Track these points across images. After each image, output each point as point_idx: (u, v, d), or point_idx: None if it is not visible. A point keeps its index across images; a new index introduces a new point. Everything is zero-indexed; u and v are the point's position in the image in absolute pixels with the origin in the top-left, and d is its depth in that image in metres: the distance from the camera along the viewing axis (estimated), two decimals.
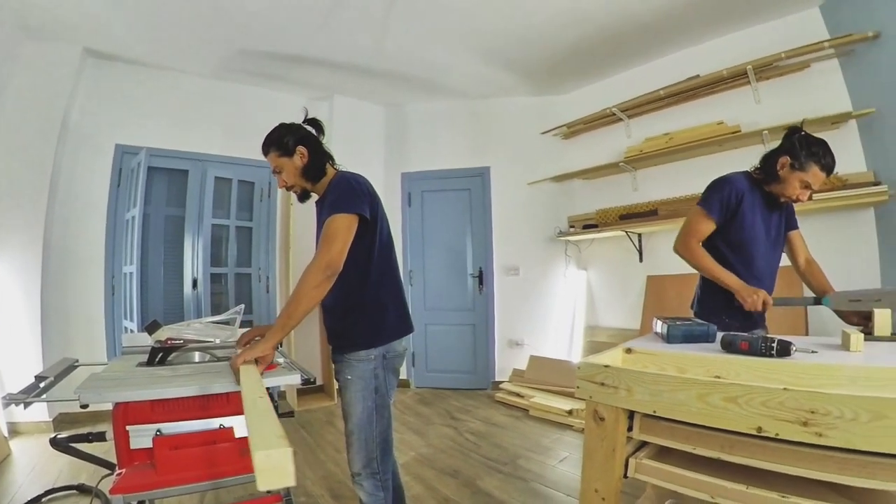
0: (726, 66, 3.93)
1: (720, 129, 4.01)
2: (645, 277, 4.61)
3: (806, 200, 2.01)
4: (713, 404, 1.08)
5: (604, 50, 4.34)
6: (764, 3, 3.72)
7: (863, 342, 1.45)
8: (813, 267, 2.19)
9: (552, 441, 3.58)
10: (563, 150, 5.27)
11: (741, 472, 1.11)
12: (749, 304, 1.92)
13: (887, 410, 0.90)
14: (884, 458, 0.92)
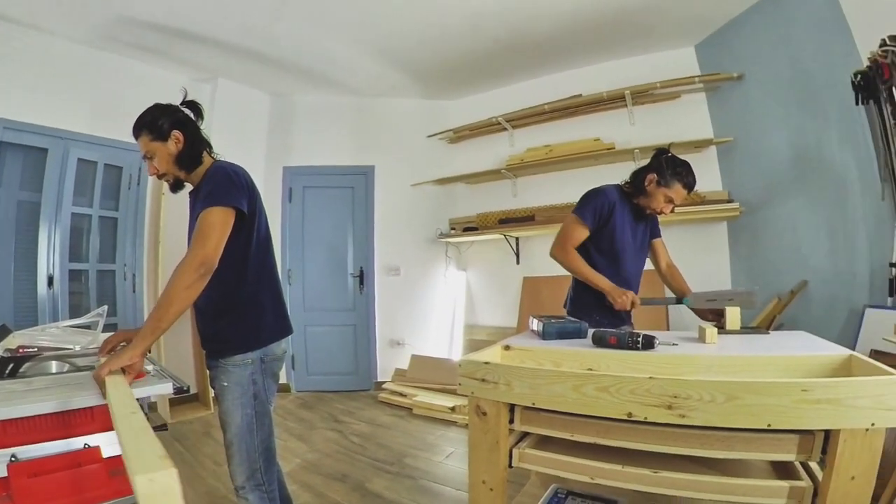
0: (607, 89, 4.35)
1: (597, 145, 4.43)
2: (521, 278, 4.90)
3: (669, 213, 2.26)
4: (587, 394, 1.17)
5: (496, 62, 4.51)
6: (646, 38, 4.21)
7: (716, 335, 1.64)
8: (673, 271, 2.44)
9: (437, 438, 3.64)
10: (449, 154, 5.38)
11: (617, 454, 1.22)
12: (619, 304, 2.10)
13: (739, 392, 1.05)
14: (738, 433, 1.09)
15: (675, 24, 4.01)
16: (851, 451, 1.02)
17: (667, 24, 3.98)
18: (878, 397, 1.00)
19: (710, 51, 4.20)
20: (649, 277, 2.53)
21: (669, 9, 3.75)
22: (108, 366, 1.35)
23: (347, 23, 3.83)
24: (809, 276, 3.48)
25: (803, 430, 1.06)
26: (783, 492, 1.09)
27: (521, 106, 4.77)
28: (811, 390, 1.02)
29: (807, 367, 1.31)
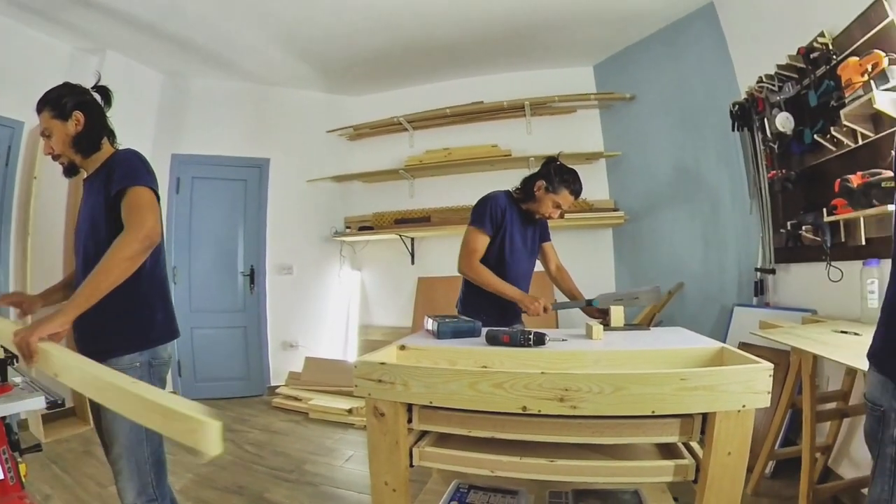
0: (508, 99, 4.53)
1: (494, 151, 4.58)
2: (416, 279, 4.94)
3: (557, 218, 2.38)
4: (483, 391, 1.19)
5: (403, 62, 4.51)
6: (549, 54, 4.45)
7: (602, 332, 1.74)
8: (562, 273, 2.58)
9: (335, 441, 3.53)
10: (347, 151, 5.28)
11: (514, 446, 1.26)
12: (532, 310, 2.19)
13: (625, 383, 1.14)
14: (626, 420, 1.19)
15: (576, 45, 4.29)
16: (726, 430, 1.15)
17: (569, 43, 4.25)
18: (747, 383, 1.14)
19: (607, 72, 4.57)
20: (539, 279, 2.65)
21: (573, 30, 4.02)
22: (38, 332, 1.21)
23: (255, 5, 3.60)
24: (685, 278, 3.89)
25: (684, 415, 1.18)
26: (669, 470, 1.22)
27: (423, 108, 4.80)
28: (689, 379, 1.14)
29: (684, 359, 1.43)
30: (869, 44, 2.24)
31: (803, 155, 2.84)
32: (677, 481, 1.24)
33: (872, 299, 2.21)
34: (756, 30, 3.30)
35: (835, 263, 2.56)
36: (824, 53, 2.55)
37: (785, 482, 2.58)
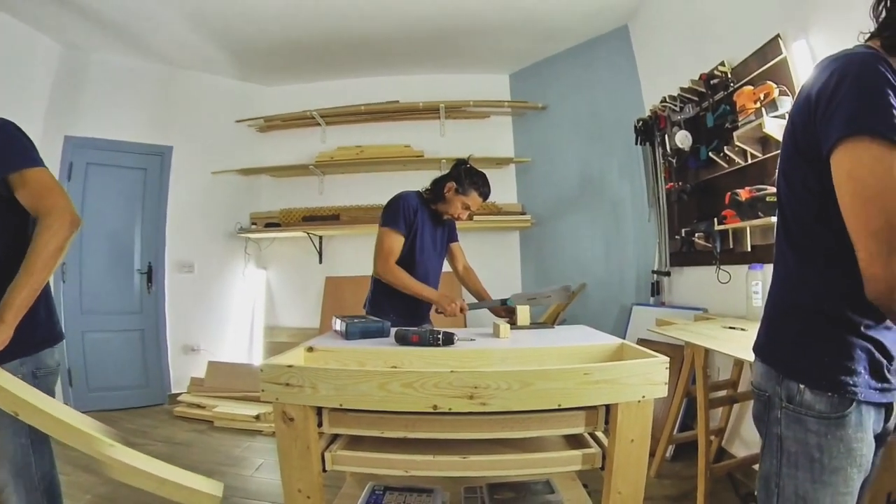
0: (423, 100, 4.54)
1: (407, 152, 4.56)
2: (324, 278, 4.80)
3: (465, 219, 2.43)
4: (393, 391, 1.18)
5: (321, 54, 4.36)
6: (467, 59, 4.52)
7: (509, 331, 1.78)
8: (470, 273, 2.62)
9: (244, 450, 3.35)
10: (256, 143, 4.99)
11: (427, 445, 1.26)
12: (449, 311, 2.20)
13: (531, 379, 1.18)
14: (534, 414, 1.23)
15: (495, 53, 4.40)
16: (628, 419, 1.23)
17: (488, 51, 4.35)
18: (646, 375, 1.23)
19: (522, 81, 4.75)
20: (447, 279, 2.68)
21: (493, 39, 4.13)
22: None
23: None
24: (588, 279, 4.13)
25: (588, 407, 1.25)
26: (577, 459, 1.29)
27: (338, 103, 4.70)
28: (592, 373, 1.20)
29: (587, 355, 1.50)
30: (763, 75, 2.51)
31: (698, 170, 3.13)
32: (586, 469, 1.31)
33: (756, 299, 2.47)
34: (664, 54, 3.58)
35: (724, 267, 2.83)
36: (723, 81, 2.83)
37: (684, 464, 2.81)
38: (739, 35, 2.73)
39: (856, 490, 0.91)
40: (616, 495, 1.26)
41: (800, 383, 0.91)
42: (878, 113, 0.77)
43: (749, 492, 2.40)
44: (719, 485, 2.51)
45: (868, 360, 0.87)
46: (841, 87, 0.81)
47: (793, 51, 2.36)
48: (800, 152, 0.91)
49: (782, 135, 1.00)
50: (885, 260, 0.75)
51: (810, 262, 0.93)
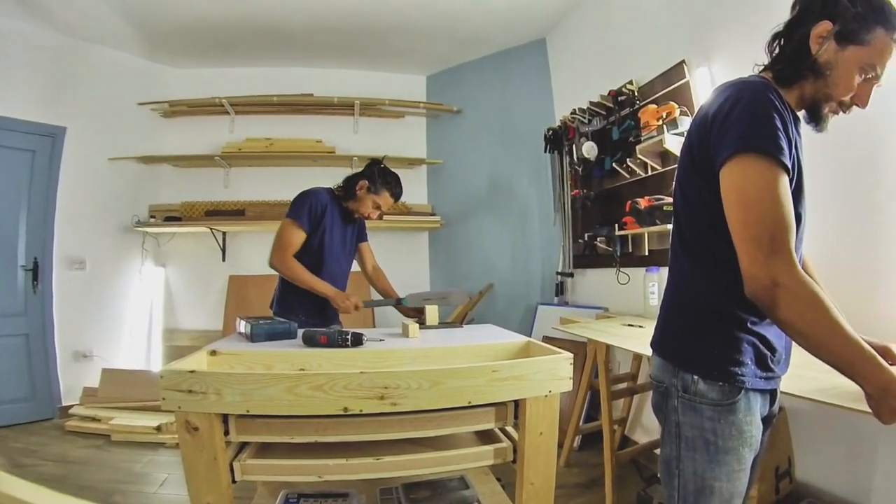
0: (338, 95, 4.44)
1: (318, 147, 4.46)
2: (227, 277, 4.52)
3: (375, 219, 2.42)
4: (302, 394, 1.16)
5: (235, 38, 4.09)
6: (386, 58, 4.51)
7: (418, 330, 1.81)
8: (379, 273, 2.61)
9: (146, 465, 3.09)
10: (159, 129, 4.57)
11: (340, 448, 1.25)
12: (343, 308, 2.19)
13: (441, 378, 1.20)
14: (445, 412, 1.25)
15: (414, 54, 4.42)
16: (537, 413, 1.30)
17: (407, 51, 4.36)
18: (551, 371, 1.31)
19: (439, 83, 4.82)
20: (356, 279, 2.65)
21: (413, 40, 4.15)
22: None
23: None
24: (495, 280, 4.31)
25: (498, 403, 1.30)
26: (489, 454, 1.34)
27: (249, 91, 4.47)
28: (500, 371, 1.25)
29: (495, 353, 1.56)
30: (667, 96, 2.77)
31: (602, 179, 3.37)
32: (498, 463, 1.36)
33: (653, 299, 2.70)
34: (577, 69, 3.82)
35: (623, 269, 3.07)
36: (630, 98, 3.07)
37: (591, 452, 2.99)
38: (648, 58, 2.98)
39: (748, 467, 1.02)
40: (529, 486, 1.32)
41: (694, 374, 1.01)
42: (764, 134, 0.88)
43: (652, 474, 2.61)
44: (625, 470, 2.70)
45: (754, 352, 0.99)
46: (734, 109, 0.92)
47: (695, 76, 2.63)
48: (695, 166, 1.01)
49: (680, 150, 1.11)
50: (763, 262, 0.86)
51: (702, 264, 1.03)
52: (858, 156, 1.84)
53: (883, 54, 0.95)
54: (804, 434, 2.04)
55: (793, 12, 1.03)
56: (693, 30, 2.64)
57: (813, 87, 0.99)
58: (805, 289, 0.84)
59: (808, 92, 1.00)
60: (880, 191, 1.79)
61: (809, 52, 0.97)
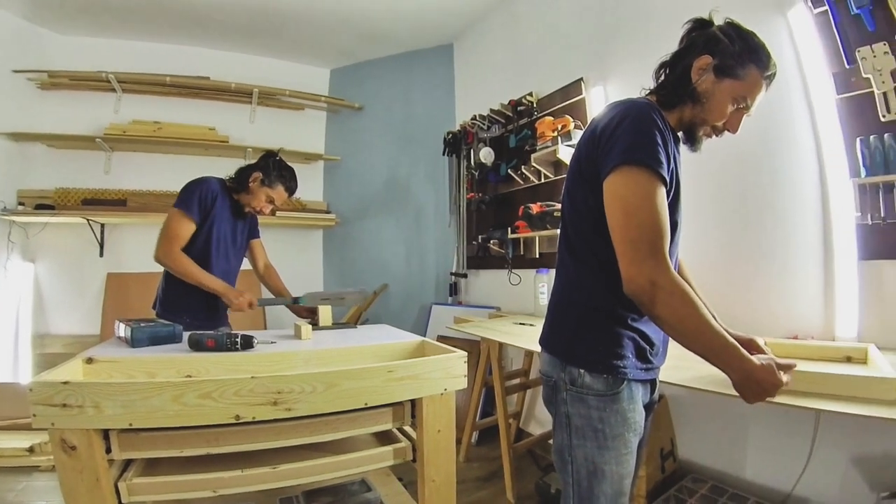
0: (237, 81, 4.17)
1: (211, 135, 4.12)
2: (105, 275, 4.04)
3: (268, 214, 2.29)
4: (190, 403, 1.08)
5: (129, 6, 3.62)
6: (290, 46, 4.31)
7: (311, 332, 1.77)
8: (271, 271, 2.49)
9: (20, 493, 2.61)
10: (35, 102, 3.92)
11: (234, 459, 1.18)
12: (237, 305, 2.06)
13: (337, 380, 1.19)
14: (342, 415, 1.24)
15: (318, 45, 4.29)
16: (433, 411, 1.32)
17: (312, 41, 4.22)
18: (447, 369, 1.34)
19: (342, 78, 4.71)
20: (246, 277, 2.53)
21: (318, 30, 4.01)
22: None
23: None
24: (390, 279, 4.32)
25: (395, 403, 1.30)
26: (389, 454, 1.34)
27: (139, 68, 4.00)
28: (395, 370, 1.26)
29: (390, 353, 1.56)
30: (563, 110, 2.97)
31: (497, 184, 3.51)
32: (399, 463, 1.37)
33: (543, 298, 2.86)
34: (481, 77, 3.95)
35: (515, 271, 3.23)
36: (528, 108, 3.24)
37: (489, 447, 3.10)
38: (549, 72, 3.17)
39: (634, 450, 1.12)
40: (430, 483, 1.34)
41: (580, 368, 1.09)
42: (647, 149, 0.98)
43: (548, 463, 2.77)
44: (522, 461, 2.86)
45: (634, 346, 1.09)
46: (621, 125, 1.01)
47: (591, 93, 2.86)
48: (582, 175, 1.10)
49: (570, 160, 1.20)
50: (639, 264, 0.95)
51: (586, 266, 1.12)
52: (732, 175, 2.15)
53: (754, 89, 1.08)
54: (683, 418, 2.30)
55: (680, 45, 1.16)
56: (593, 51, 2.87)
57: (691, 111, 1.12)
58: (678, 288, 0.94)
59: (687, 115, 1.13)
60: (748, 205, 2.10)
61: (690, 80, 1.10)
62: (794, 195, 1.96)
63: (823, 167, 1.86)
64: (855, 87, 1.74)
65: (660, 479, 2.12)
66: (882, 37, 1.68)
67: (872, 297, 1.73)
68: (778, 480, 1.97)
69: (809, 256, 1.92)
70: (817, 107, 1.87)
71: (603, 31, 2.82)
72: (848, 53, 1.76)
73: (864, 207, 1.72)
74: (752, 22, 1.13)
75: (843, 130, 1.78)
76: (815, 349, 1.65)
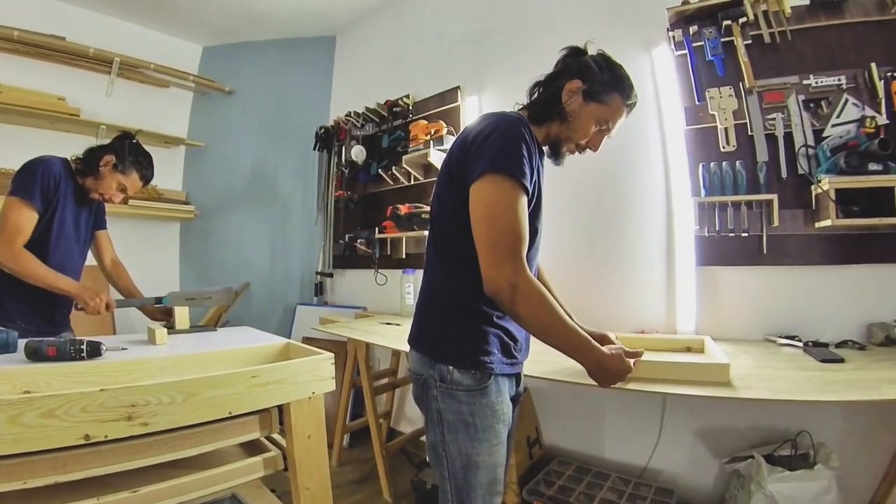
0: (96, 45, 3.54)
1: (60, 105, 3.45)
2: None
3: (118, 203, 2.03)
4: (30, 424, 0.92)
5: None
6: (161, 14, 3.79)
7: (167, 336, 1.64)
8: (119, 267, 2.20)
9: None
10: None
11: (88, 486, 1.03)
12: (92, 308, 1.78)
13: (197, 388, 1.10)
14: (205, 426, 1.15)
15: (192, 17, 3.85)
16: (302, 416, 1.29)
17: (185, 12, 3.76)
18: (313, 372, 1.32)
19: (216, 58, 4.28)
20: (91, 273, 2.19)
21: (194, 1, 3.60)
22: None
23: None
24: (252, 279, 4.06)
25: (261, 410, 1.25)
26: (259, 465, 1.27)
27: None
28: (260, 375, 1.21)
29: (254, 357, 1.50)
30: (438, 115, 3.06)
31: (367, 183, 3.49)
32: (270, 474, 1.30)
33: (409, 298, 2.91)
34: (360, 74, 3.88)
35: (382, 270, 3.26)
36: (404, 110, 3.27)
37: (361, 448, 3.08)
38: (428, 77, 3.24)
39: (505, 440, 1.20)
40: (305, 491, 1.30)
41: (449, 365, 1.14)
42: (513, 160, 1.05)
43: (422, 460, 2.82)
44: (396, 460, 2.88)
45: (499, 343, 1.17)
46: (492, 136, 1.07)
47: (467, 102, 3.00)
48: (452, 179, 1.15)
49: (441, 164, 1.25)
50: (499, 267, 1.02)
51: (453, 267, 1.17)
52: (591, 189, 2.45)
53: (616, 114, 1.21)
54: (546, 407, 2.53)
55: (555, 68, 1.27)
56: (473, 62, 3.01)
57: (558, 128, 1.23)
58: (534, 290, 1.03)
59: (554, 132, 1.23)
60: (604, 217, 2.42)
61: (560, 100, 1.20)
62: (644, 209, 2.31)
63: (670, 186, 2.23)
64: (702, 121, 2.12)
65: (529, 465, 2.28)
66: (729, 82, 2.07)
67: (707, 297, 2.12)
68: (634, 456, 2.28)
69: (655, 262, 2.27)
70: (669, 134, 2.23)
71: (484, 44, 2.97)
72: (699, 92, 2.13)
73: (702, 222, 2.09)
74: (621, 55, 1.28)
75: (689, 156, 2.14)
76: (660, 341, 1.93)
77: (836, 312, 1.90)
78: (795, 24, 1.99)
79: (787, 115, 1.97)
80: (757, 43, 2.04)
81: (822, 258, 1.91)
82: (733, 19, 2.05)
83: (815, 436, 1.83)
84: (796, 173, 1.94)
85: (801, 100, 1.95)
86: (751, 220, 2.00)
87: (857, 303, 1.87)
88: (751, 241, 2.01)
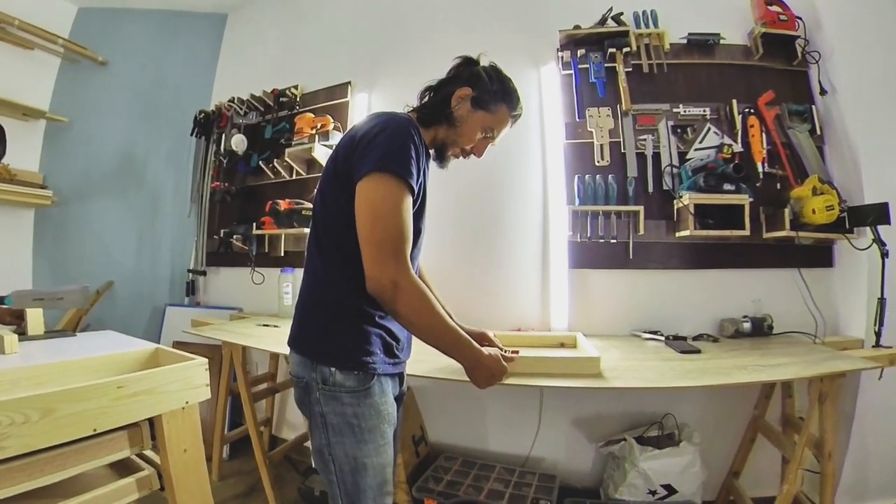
0: None
1: None
2: None
3: None
4: None
5: None
6: None
7: (18, 343, 1.45)
8: None
9: None
10: None
11: None
12: None
13: (55, 403, 0.98)
14: (67, 447, 1.02)
15: None
16: (176, 429, 1.20)
17: None
18: (186, 379, 1.24)
19: (92, 22, 3.70)
20: None
21: None
22: None
23: None
24: (116, 276, 3.64)
25: (130, 424, 1.14)
26: (132, 487, 1.16)
27: None
28: (126, 386, 1.11)
29: (119, 365, 1.37)
30: (326, 109, 3.00)
31: (247, 175, 3.31)
32: (145, 495, 1.19)
33: (287, 298, 2.82)
34: (248, 58, 3.65)
35: (258, 269, 3.10)
36: (291, 101, 3.14)
37: (242, 459, 2.89)
38: (319, 69, 3.15)
39: (391, 440, 1.20)
40: None
41: (331, 367, 1.12)
42: (400, 160, 1.06)
43: (308, 466, 2.69)
44: (280, 468, 2.74)
45: (382, 343, 1.17)
46: (380, 135, 1.08)
47: (357, 98, 2.96)
48: (338, 176, 1.13)
49: (326, 160, 1.23)
50: (382, 265, 1.03)
51: (335, 266, 1.15)
52: (473, 193, 2.57)
53: (501, 123, 1.29)
54: (429, 405, 2.59)
55: (447, 74, 1.32)
56: (365, 59, 2.99)
57: (445, 132, 1.26)
58: (416, 289, 1.05)
59: (441, 135, 1.27)
60: (485, 220, 2.57)
61: (449, 105, 1.25)
62: (523, 215, 2.49)
63: (548, 194, 2.44)
64: (581, 137, 2.36)
65: (416, 463, 2.31)
66: (608, 103, 2.34)
67: (579, 297, 2.35)
68: (517, 447, 2.43)
69: (531, 264, 2.46)
70: (549, 146, 2.45)
71: (377, 42, 2.97)
72: (580, 110, 2.38)
73: (575, 228, 2.32)
74: (512, 68, 1.35)
75: (567, 168, 2.37)
76: (536, 338, 2.07)
77: (693, 310, 2.24)
78: (672, 58, 2.33)
79: (657, 138, 2.28)
80: (636, 71, 2.33)
81: (681, 263, 2.24)
82: (618, 48, 2.32)
83: (679, 417, 2.15)
84: (661, 189, 2.25)
85: (670, 125, 2.28)
86: (619, 228, 2.25)
87: (710, 302, 2.23)
88: (619, 247, 2.26)
